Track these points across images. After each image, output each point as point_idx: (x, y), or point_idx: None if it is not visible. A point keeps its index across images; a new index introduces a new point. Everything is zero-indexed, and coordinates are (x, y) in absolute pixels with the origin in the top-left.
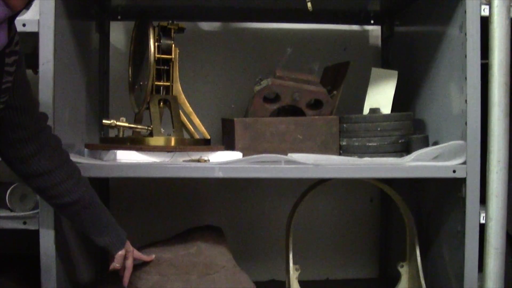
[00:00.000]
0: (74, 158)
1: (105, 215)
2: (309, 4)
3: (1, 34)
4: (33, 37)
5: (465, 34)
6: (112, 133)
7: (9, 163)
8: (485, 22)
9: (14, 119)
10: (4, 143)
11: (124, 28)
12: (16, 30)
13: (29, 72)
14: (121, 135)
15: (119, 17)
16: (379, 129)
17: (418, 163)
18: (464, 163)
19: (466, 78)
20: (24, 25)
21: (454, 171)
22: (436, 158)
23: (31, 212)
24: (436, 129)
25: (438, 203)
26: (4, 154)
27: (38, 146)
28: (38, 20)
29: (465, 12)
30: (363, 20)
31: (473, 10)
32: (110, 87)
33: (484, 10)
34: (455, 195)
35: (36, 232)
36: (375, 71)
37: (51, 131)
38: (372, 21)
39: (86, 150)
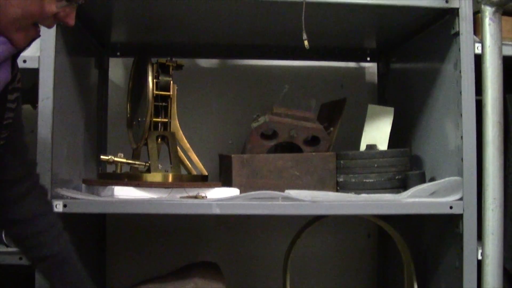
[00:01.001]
0: (71, 193)
1: (82, 273)
2: (306, 42)
3: (4, 71)
4: (33, 73)
5: (460, 71)
6: (110, 169)
7: None
8: (480, 59)
9: (4, 159)
10: None
11: (123, 64)
12: (18, 68)
13: (27, 107)
14: (118, 171)
15: (118, 53)
16: (376, 165)
17: (415, 200)
18: (461, 199)
19: (461, 114)
20: (24, 61)
21: (451, 207)
22: (433, 194)
23: None
24: (432, 165)
25: (435, 239)
26: None
27: (24, 191)
28: (39, 56)
29: (459, 50)
30: (360, 57)
31: (467, 48)
32: (108, 122)
33: (477, 48)
34: (452, 231)
35: (32, 268)
36: (371, 107)
37: (38, 179)
38: (368, 58)
39: (83, 185)
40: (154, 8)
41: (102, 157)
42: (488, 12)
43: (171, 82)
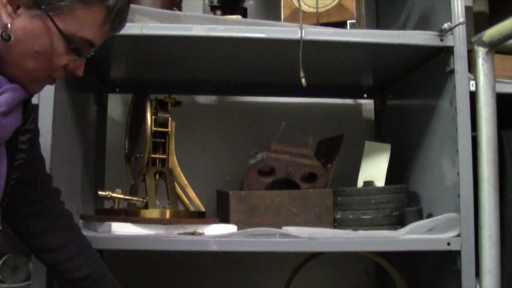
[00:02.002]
0: None
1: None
2: (303, 80)
3: (16, 116)
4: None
5: (455, 108)
6: (107, 204)
7: (21, 237)
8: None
9: (27, 193)
10: (16, 217)
11: (121, 100)
12: (32, 109)
13: None
14: (116, 207)
15: (117, 89)
16: (373, 202)
17: (413, 236)
18: (459, 235)
19: (457, 151)
20: None
21: (448, 244)
22: (430, 230)
23: (23, 283)
24: (430, 202)
25: (433, 276)
26: (15, 229)
27: (50, 221)
28: (39, 93)
29: (455, 87)
30: (357, 94)
31: (462, 86)
32: (106, 158)
33: (472, 85)
34: (450, 267)
35: None
36: (368, 144)
37: (63, 206)
38: (365, 95)
39: (81, 221)
40: (153, 46)
41: (100, 192)
42: (481, 52)
43: (170, 118)
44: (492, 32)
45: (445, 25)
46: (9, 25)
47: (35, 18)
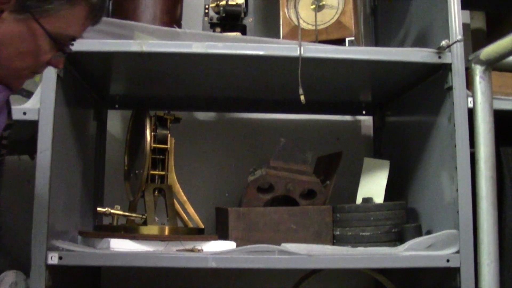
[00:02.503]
0: (67, 245)
1: None
2: (302, 97)
3: (4, 115)
4: (32, 124)
5: (454, 125)
6: (106, 221)
7: None
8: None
9: None
10: None
11: (121, 116)
12: (10, 103)
13: (25, 157)
14: (115, 223)
15: (116, 105)
16: (372, 218)
17: (412, 253)
18: (458, 252)
19: (456, 167)
20: (24, 113)
21: (448, 261)
22: (429, 247)
23: None
24: (429, 218)
25: None
26: None
27: None
28: (39, 109)
29: (453, 104)
30: (355, 110)
31: (460, 102)
32: (105, 174)
33: (470, 102)
34: (449, 284)
35: None
36: (367, 161)
37: None
38: (364, 112)
39: (79, 237)
40: (153, 63)
41: (98, 209)
42: (478, 70)
43: (169, 135)
44: (489, 50)
45: (443, 43)
46: None
47: (20, 22)
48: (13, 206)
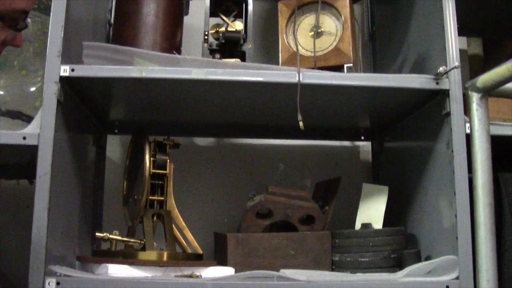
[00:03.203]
0: (65, 271)
1: None
2: (301, 123)
3: None
4: (32, 149)
5: (452, 150)
6: (104, 246)
7: None
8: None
9: None
10: None
11: (120, 141)
12: None
13: (24, 182)
14: (113, 248)
15: (116, 131)
16: (371, 244)
17: (411, 279)
18: (457, 278)
19: (455, 193)
20: (24, 138)
21: (447, 287)
22: (429, 273)
23: None
24: (428, 244)
25: None
26: None
27: None
28: (39, 134)
29: (451, 129)
30: (354, 136)
31: (458, 128)
32: (104, 199)
33: (468, 128)
34: None
35: None
36: (366, 186)
37: None
38: (362, 137)
39: (77, 262)
40: (152, 89)
41: (97, 234)
42: (475, 97)
43: (168, 160)
44: (485, 78)
45: (441, 69)
46: None
47: None
48: (11, 231)
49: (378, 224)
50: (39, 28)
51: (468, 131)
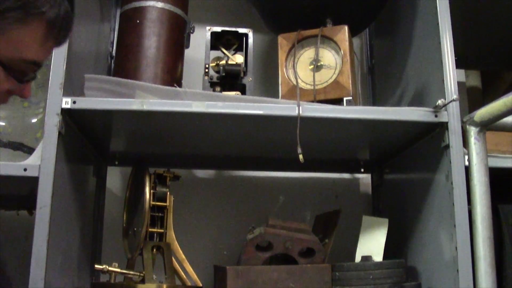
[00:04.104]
0: None
1: None
2: (300, 156)
3: None
4: (32, 180)
5: (451, 183)
6: (103, 278)
7: None
8: None
9: None
10: None
11: (120, 173)
12: None
13: (23, 213)
14: (112, 281)
15: (116, 162)
16: (371, 277)
17: None
18: None
19: (455, 225)
20: (25, 169)
21: None
22: None
23: None
24: (428, 276)
25: None
26: None
27: None
28: (39, 165)
29: (450, 162)
30: (354, 168)
31: (457, 161)
32: (104, 231)
33: (467, 160)
34: None
35: None
36: (366, 219)
37: None
38: (362, 170)
39: None
40: (153, 121)
41: (96, 266)
42: (473, 131)
43: (168, 193)
44: (483, 112)
45: (439, 102)
46: None
47: None
48: (10, 262)
49: (378, 257)
50: None
51: (467, 163)
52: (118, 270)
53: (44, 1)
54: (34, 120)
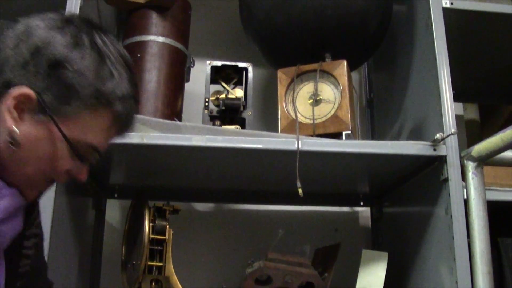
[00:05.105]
0: None
1: None
2: (300, 190)
3: (16, 222)
4: None
5: (451, 216)
6: None
7: None
8: None
9: None
10: None
11: (120, 206)
12: (39, 212)
13: None
14: None
15: (116, 195)
16: None
17: None
18: None
19: (455, 259)
20: None
21: None
22: None
23: None
24: None
25: None
26: None
27: None
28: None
29: (449, 195)
30: (353, 202)
31: (456, 194)
32: (102, 264)
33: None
34: None
35: None
36: (365, 252)
37: None
38: (361, 203)
39: None
40: (153, 155)
41: None
42: (470, 166)
43: (167, 226)
44: (480, 148)
45: (438, 136)
46: (17, 130)
47: (39, 123)
48: None
49: None
50: None
51: (466, 196)
52: None
53: (116, 96)
54: None
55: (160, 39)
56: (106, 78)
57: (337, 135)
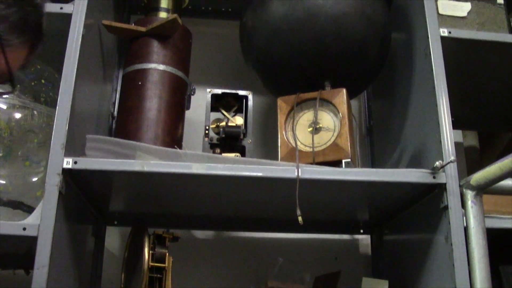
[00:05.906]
0: None
1: None
2: (299, 218)
3: None
4: (31, 240)
5: (451, 244)
6: None
7: None
8: None
9: None
10: None
11: (119, 233)
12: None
13: (20, 272)
14: None
15: (115, 222)
16: None
17: None
18: None
19: (455, 287)
20: (24, 229)
21: None
22: None
23: None
24: None
25: None
26: None
27: None
28: (39, 225)
29: (449, 223)
30: (353, 229)
31: (456, 222)
32: None
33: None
34: None
35: None
36: (366, 280)
37: None
38: (361, 231)
39: None
40: (153, 183)
41: None
42: (469, 195)
43: (167, 254)
44: (479, 177)
45: (437, 163)
46: None
47: None
48: None
49: None
50: (44, 121)
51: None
52: None
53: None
54: (34, 179)
55: (161, 67)
56: None
57: (337, 163)
